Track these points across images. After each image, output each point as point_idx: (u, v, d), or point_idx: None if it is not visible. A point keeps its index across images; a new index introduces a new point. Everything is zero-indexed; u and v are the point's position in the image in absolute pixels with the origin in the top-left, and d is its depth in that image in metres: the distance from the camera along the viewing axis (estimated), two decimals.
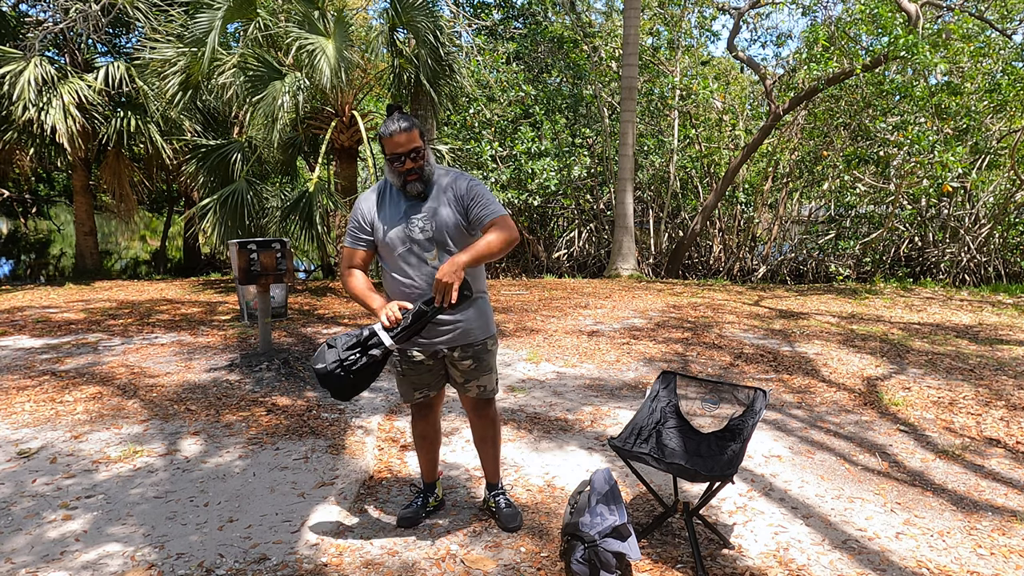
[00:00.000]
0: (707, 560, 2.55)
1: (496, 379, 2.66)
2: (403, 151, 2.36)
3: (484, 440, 2.77)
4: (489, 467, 2.83)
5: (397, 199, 2.48)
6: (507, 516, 2.76)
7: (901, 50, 9.71)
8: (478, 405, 2.67)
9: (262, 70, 7.81)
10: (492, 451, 2.79)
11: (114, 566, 2.45)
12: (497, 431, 2.78)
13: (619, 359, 5.48)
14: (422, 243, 2.43)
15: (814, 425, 4.03)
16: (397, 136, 2.35)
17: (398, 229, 2.43)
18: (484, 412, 2.70)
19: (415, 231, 2.43)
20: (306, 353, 5.29)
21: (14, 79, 9.10)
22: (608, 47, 14.43)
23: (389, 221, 2.45)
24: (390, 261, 2.48)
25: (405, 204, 2.46)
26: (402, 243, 2.43)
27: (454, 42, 9.89)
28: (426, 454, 2.83)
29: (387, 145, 2.38)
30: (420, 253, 2.43)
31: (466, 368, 2.55)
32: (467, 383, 2.59)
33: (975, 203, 12.99)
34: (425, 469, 2.86)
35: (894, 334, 6.44)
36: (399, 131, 2.35)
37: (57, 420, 3.88)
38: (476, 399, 2.64)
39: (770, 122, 11.76)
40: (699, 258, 15.15)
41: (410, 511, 2.80)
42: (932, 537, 2.74)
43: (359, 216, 2.50)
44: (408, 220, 2.43)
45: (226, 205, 8.08)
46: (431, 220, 2.42)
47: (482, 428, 2.74)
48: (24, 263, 17.62)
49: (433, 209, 2.43)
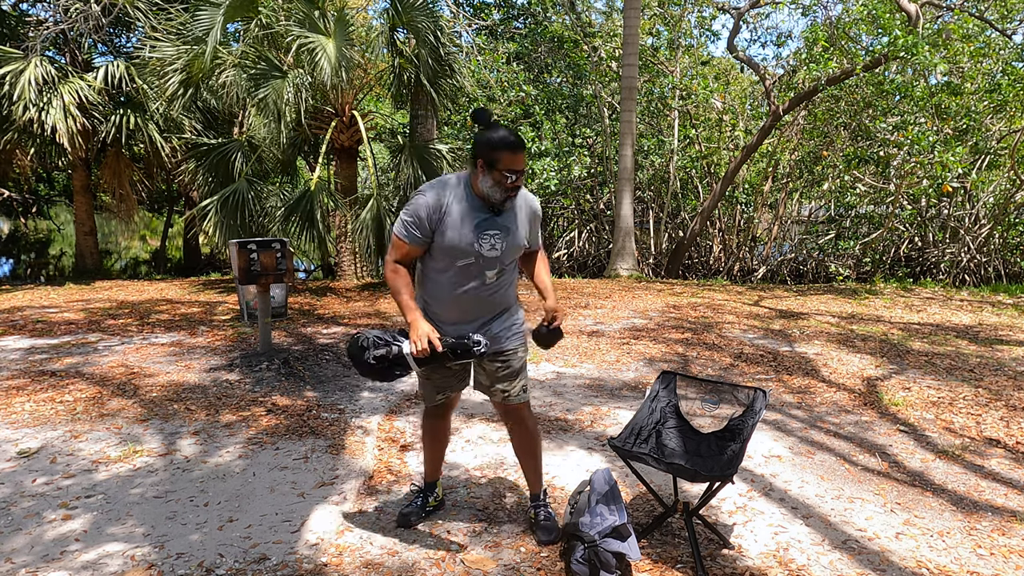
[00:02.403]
0: (707, 560, 2.55)
1: (523, 385, 2.59)
2: (520, 168, 2.29)
3: (521, 449, 2.70)
4: (529, 477, 2.76)
5: (471, 207, 2.35)
6: (543, 530, 2.68)
7: (901, 50, 9.71)
8: (508, 411, 2.63)
9: (264, 68, 7.82)
10: (531, 462, 2.71)
11: (114, 566, 2.45)
12: (533, 440, 2.68)
13: (619, 359, 5.48)
14: (489, 260, 2.38)
15: (814, 425, 4.03)
16: (519, 155, 2.27)
17: (469, 240, 2.34)
18: (515, 417, 2.63)
19: (485, 247, 2.35)
20: (306, 353, 5.29)
21: (14, 79, 9.10)
22: (608, 47, 14.42)
23: (459, 229, 2.33)
24: (446, 266, 2.39)
25: (479, 216, 2.35)
26: (467, 255, 2.35)
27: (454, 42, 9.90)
28: (433, 453, 2.82)
29: (506, 159, 2.26)
30: (483, 269, 2.39)
31: (492, 371, 2.54)
32: (492, 386, 2.57)
33: (975, 203, 12.99)
34: (429, 468, 2.86)
35: (894, 334, 6.44)
36: (521, 148, 2.28)
37: (57, 420, 3.88)
38: (501, 403, 2.61)
39: (770, 122, 11.76)
40: (699, 258, 15.15)
41: (410, 510, 2.80)
42: (932, 537, 2.74)
43: (425, 212, 2.33)
44: (481, 234, 2.34)
45: (227, 205, 8.08)
46: (504, 240, 2.38)
47: (515, 434, 2.68)
48: (24, 263, 17.62)
49: (507, 228, 2.39)
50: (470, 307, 2.45)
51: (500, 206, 2.36)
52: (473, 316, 2.47)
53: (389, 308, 7.69)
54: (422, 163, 8.68)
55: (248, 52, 8.02)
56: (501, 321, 2.53)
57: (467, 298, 2.42)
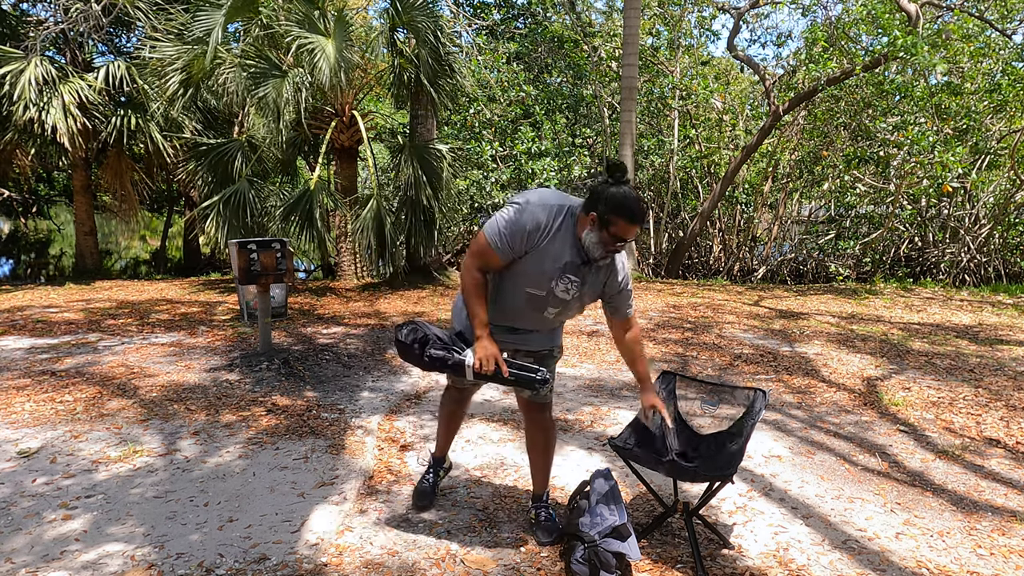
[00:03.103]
0: (707, 560, 2.55)
1: (551, 387, 2.63)
2: (631, 239, 2.29)
3: (534, 446, 2.70)
4: (536, 476, 2.77)
5: (566, 244, 2.32)
6: (544, 530, 2.69)
7: (901, 50, 9.71)
8: (531, 408, 2.64)
9: (264, 67, 7.82)
10: (541, 460, 2.72)
11: (114, 566, 2.45)
12: (548, 441, 2.69)
13: (619, 359, 5.48)
14: (557, 300, 2.39)
15: (814, 425, 4.03)
16: (637, 225, 2.25)
17: (549, 273, 2.33)
18: (537, 416, 2.65)
19: (559, 288, 2.36)
20: (306, 353, 5.29)
21: (15, 79, 9.10)
22: (608, 47, 14.42)
23: (546, 261, 2.32)
24: (517, 285, 2.39)
25: (568, 257, 2.33)
26: (541, 286, 2.36)
27: (454, 42, 9.89)
28: (447, 431, 2.91)
29: (623, 226, 2.23)
30: (548, 303, 2.40)
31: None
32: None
33: (975, 203, 12.98)
34: (441, 444, 2.95)
35: (894, 334, 6.44)
36: (640, 221, 2.26)
37: (57, 420, 3.88)
38: (529, 401, 2.63)
39: (770, 122, 11.75)
40: (699, 258, 15.15)
41: (423, 489, 2.93)
42: (932, 537, 2.74)
43: (526, 231, 2.28)
44: (563, 275, 2.34)
45: (228, 205, 8.09)
46: (580, 289, 2.38)
47: (533, 432, 2.69)
48: (24, 263, 17.61)
49: (585, 280, 2.39)
50: (519, 322, 2.49)
51: (595, 261, 2.35)
52: (518, 327, 2.52)
53: (389, 308, 7.69)
54: (422, 163, 8.68)
55: (248, 52, 8.02)
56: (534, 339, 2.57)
57: (519, 317, 2.46)
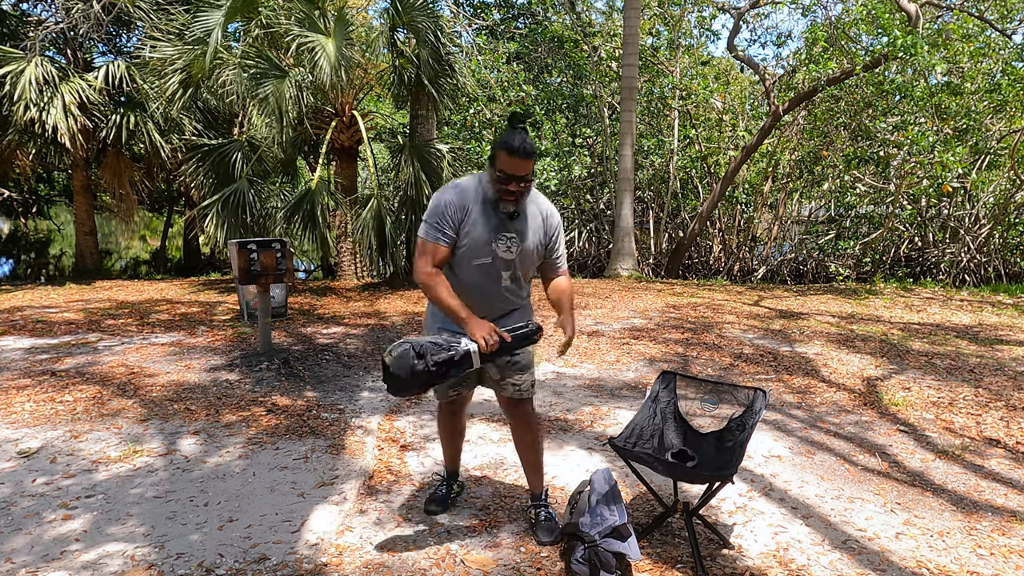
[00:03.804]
0: (707, 560, 2.55)
1: (532, 381, 2.62)
2: (519, 175, 2.29)
3: (523, 444, 2.70)
4: (529, 475, 2.76)
5: (489, 208, 2.38)
6: (543, 530, 2.68)
7: (901, 50, 9.71)
8: (512, 404, 2.64)
9: (264, 66, 7.82)
10: (532, 457, 2.71)
11: (114, 566, 2.45)
12: (535, 436, 2.69)
13: (619, 359, 5.48)
14: (505, 262, 2.40)
15: (814, 425, 4.03)
16: (520, 161, 2.26)
17: (485, 240, 2.36)
18: (520, 412, 2.64)
19: (501, 248, 2.38)
20: (306, 353, 5.29)
21: (15, 79, 9.11)
22: (608, 47, 14.42)
23: (478, 228, 2.36)
24: (466, 262, 2.41)
25: (496, 218, 2.38)
26: (483, 255, 2.38)
27: (454, 42, 9.90)
28: (451, 448, 2.92)
29: (507, 163, 2.26)
30: (499, 270, 2.41)
31: (503, 366, 2.54)
32: (503, 380, 2.57)
33: (975, 203, 12.99)
34: (447, 460, 2.96)
35: (894, 334, 6.44)
36: (522, 155, 2.25)
37: (57, 420, 3.88)
38: (510, 398, 2.62)
39: (770, 122, 11.75)
40: (699, 258, 15.15)
41: (438, 497, 2.90)
42: (932, 537, 2.74)
43: (448, 210, 2.34)
44: (498, 235, 2.37)
45: (228, 204, 8.09)
46: (519, 244, 2.40)
47: (519, 431, 2.69)
48: (24, 263, 17.61)
49: (522, 233, 2.40)
50: (484, 306, 2.45)
51: (504, 212, 2.36)
52: (485, 314, 2.45)
53: (389, 308, 7.69)
54: (422, 163, 8.68)
55: (249, 52, 8.02)
56: (512, 319, 2.54)
57: (482, 298, 2.44)
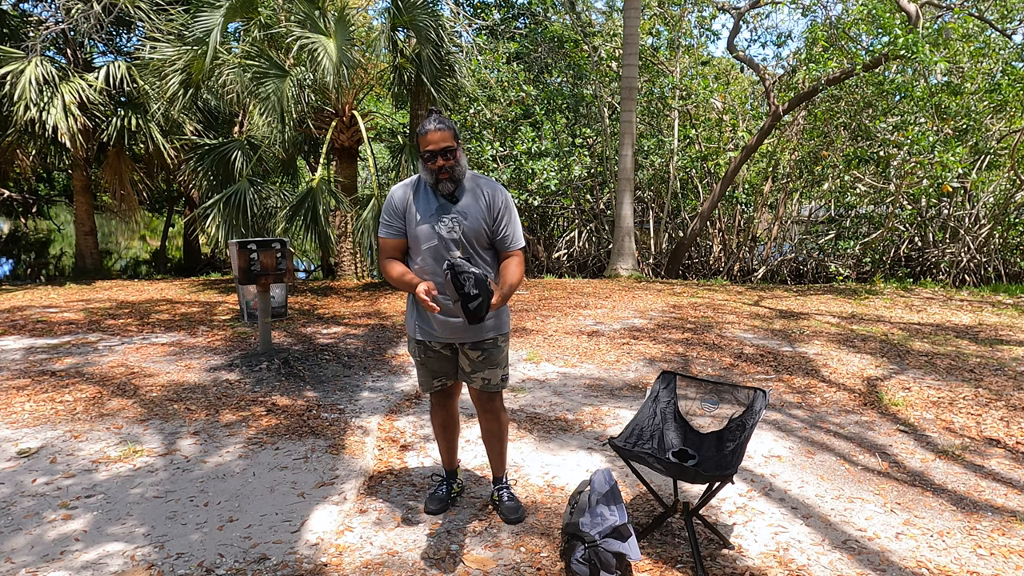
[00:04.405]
0: (707, 560, 2.55)
1: (503, 375, 2.71)
2: (435, 149, 2.44)
3: (490, 434, 2.83)
4: (493, 461, 2.91)
5: (430, 195, 2.55)
6: (508, 509, 2.84)
7: (901, 50, 9.71)
8: (482, 397, 2.74)
9: (265, 66, 7.83)
10: (497, 445, 2.86)
11: (114, 566, 2.45)
12: (502, 427, 2.82)
13: (619, 359, 5.48)
14: (448, 242, 2.51)
15: (814, 425, 4.03)
16: (431, 134, 2.44)
17: (428, 225, 2.52)
18: (489, 406, 2.75)
19: (443, 229, 2.51)
20: (306, 353, 5.29)
21: (15, 79, 9.11)
22: (608, 47, 14.42)
23: (420, 215, 2.53)
24: (419, 248, 2.56)
25: (437, 202, 2.53)
26: (429, 238, 2.51)
27: (454, 42, 9.90)
28: (446, 443, 2.93)
29: (421, 142, 2.47)
30: (447, 248, 2.51)
31: (474, 359, 2.62)
32: (473, 373, 2.66)
33: (975, 203, 12.98)
34: (445, 458, 2.97)
35: (894, 334, 6.43)
36: (433, 129, 2.44)
37: (57, 420, 3.88)
38: (480, 391, 2.72)
39: (770, 122, 11.75)
40: (699, 258, 15.14)
41: (438, 496, 2.92)
42: (932, 537, 2.74)
43: (392, 206, 2.58)
44: (439, 218, 2.51)
45: (229, 204, 8.09)
46: (460, 223, 2.50)
47: (487, 422, 2.80)
48: (24, 263, 17.61)
49: (464, 212, 2.52)
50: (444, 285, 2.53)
51: (444, 193, 2.49)
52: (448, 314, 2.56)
53: (389, 308, 7.69)
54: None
55: (249, 52, 8.02)
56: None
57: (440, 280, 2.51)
